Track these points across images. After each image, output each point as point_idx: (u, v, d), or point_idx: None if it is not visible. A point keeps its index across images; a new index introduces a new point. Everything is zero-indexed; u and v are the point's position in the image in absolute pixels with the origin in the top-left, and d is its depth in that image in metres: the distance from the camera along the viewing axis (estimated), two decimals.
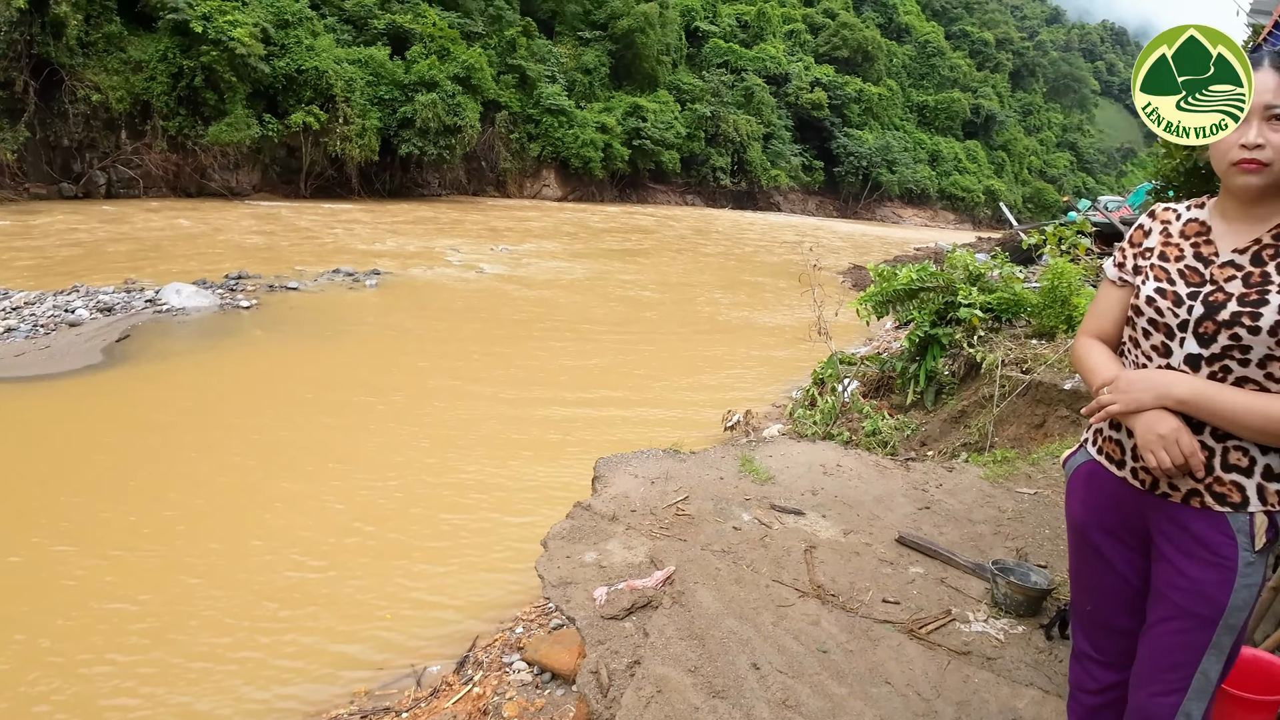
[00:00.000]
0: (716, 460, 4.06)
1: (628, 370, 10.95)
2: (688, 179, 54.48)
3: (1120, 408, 1.55)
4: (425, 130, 35.49)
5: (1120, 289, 1.73)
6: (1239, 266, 1.52)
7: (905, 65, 77.21)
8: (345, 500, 5.94)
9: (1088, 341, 1.77)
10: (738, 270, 23.72)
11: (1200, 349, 1.52)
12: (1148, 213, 1.77)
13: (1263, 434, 1.46)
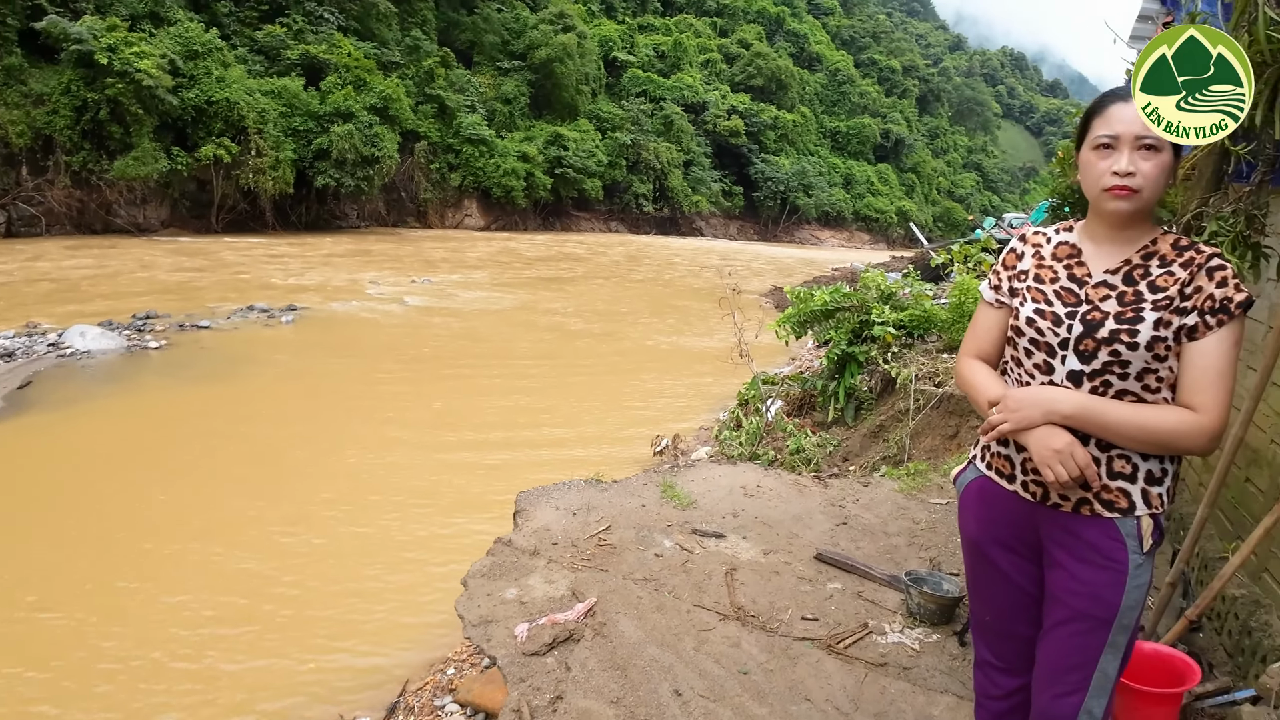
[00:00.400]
0: (638, 488, 4.08)
1: (555, 402, 10.89)
2: (611, 206, 54.87)
3: (1011, 426, 1.62)
4: (342, 161, 34.88)
5: (997, 310, 1.81)
6: (1112, 286, 1.62)
7: (817, 93, 79.61)
8: (260, 554, 5.70)
9: (970, 362, 1.84)
10: (665, 295, 23.93)
11: (1081, 365, 1.60)
12: (1019, 237, 1.86)
13: (1143, 443, 1.55)
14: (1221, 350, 1.53)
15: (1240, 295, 1.53)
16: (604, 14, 66.57)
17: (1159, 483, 1.61)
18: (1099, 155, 1.60)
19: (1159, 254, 1.62)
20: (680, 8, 74.14)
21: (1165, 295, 1.57)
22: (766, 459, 7.93)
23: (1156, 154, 1.55)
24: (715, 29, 74.86)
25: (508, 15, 53.21)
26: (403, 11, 45.30)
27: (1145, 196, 1.56)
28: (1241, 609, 2.92)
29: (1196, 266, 1.56)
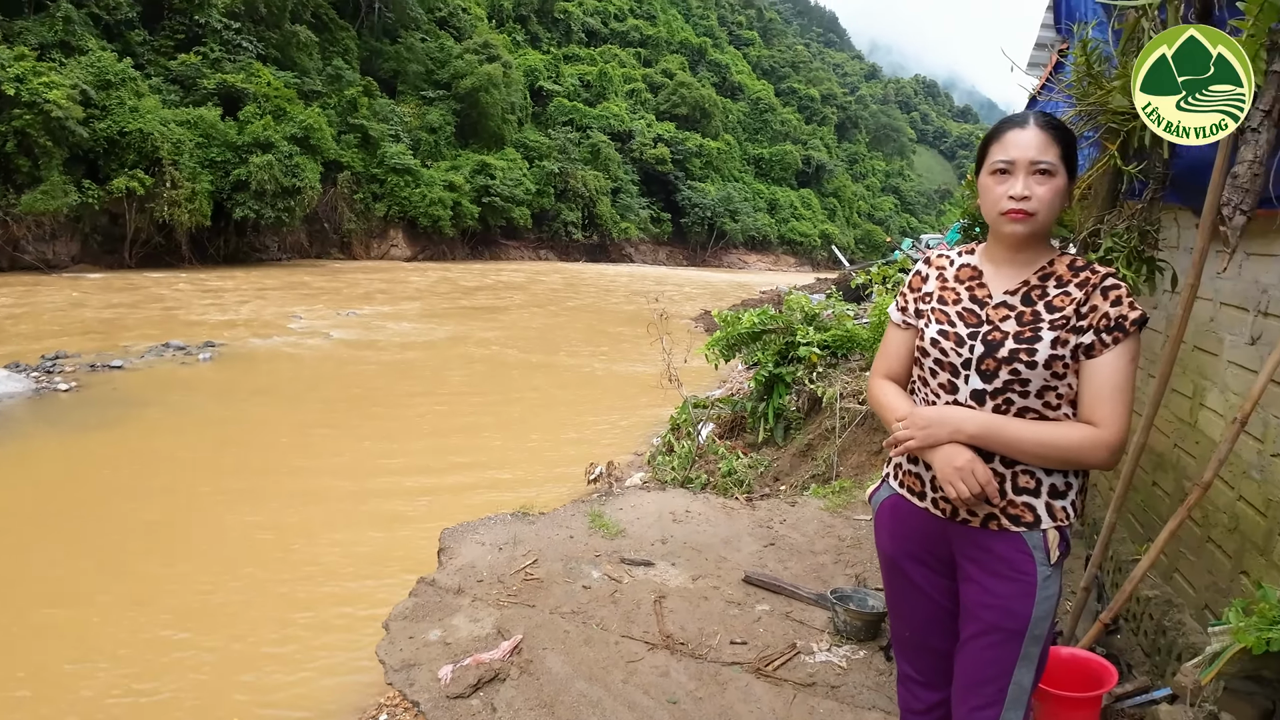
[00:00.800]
0: (566, 519, 4.02)
1: (489, 435, 10.69)
2: (540, 234, 54.81)
3: (917, 443, 1.65)
4: (261, 192, 33.99)
5: (905, 331, 1.85)
6: (1011, 307, 1.66)
7: (740, 121, 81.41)
8: (175, 608, 5.39)
9: (880, 382, 1.87)
10: (599, 322, 23.90)
11: (984, 385, 1.63)
12: (924, 259, 1.91)
13: (1046, 459, 1.59)
14: (1118, 367, 1.57)
15: (1135, 313, 1.57)
16: (529, 44, 66.94)
17: (1063, 496, 1.64)
18: (996, 180, 1.64)
19: (1056, 275, 1.66)
20: (604, 38, 75.04)
21: (1062, 315, 1.61)
22: (699, 483, 7.94)
23: (1050, 178, 1.60)
24: (639, 59, 75.97)
25: (432, 45, 52.97)
26: (324, 40, 44.69)
27: (1040, 219, 1.61)
28: (1155, 609, 3.01)
29: (1092, 286, 1.61)
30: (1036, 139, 1.60)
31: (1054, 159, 1.60)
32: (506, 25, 65.45)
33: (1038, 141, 1.60)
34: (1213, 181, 2.23)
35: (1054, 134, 1.62)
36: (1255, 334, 2.52)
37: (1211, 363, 2.85)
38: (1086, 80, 3.04)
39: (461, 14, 57.97)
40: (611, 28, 76.37)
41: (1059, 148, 1.61)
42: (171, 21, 36.93)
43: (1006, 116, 1.71)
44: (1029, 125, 1.63)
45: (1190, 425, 2.98)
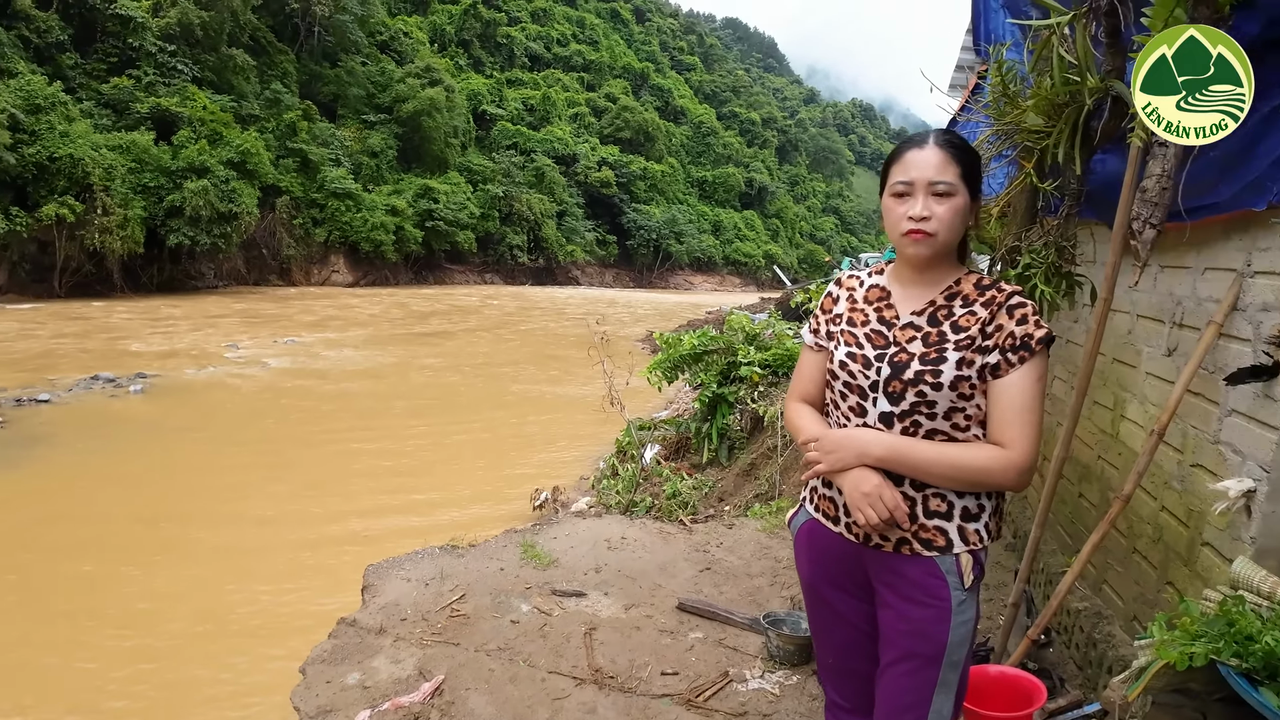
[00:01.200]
0: (497, 550, 3.89)
1: (433, 464, 10.45)
2: (485, 258, 54.45)
3: (826, 467, 1.62)
4: (196, 219, 33.18)
5: (818, 353, 1.81)
6: (917, 328, 1.63)
7: (684, 144, 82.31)
8: (95, 654, 5.11)
9: (795, 405, 1.84)
10: (547, 345, 23.72)
11: (891, 407, 1.60)
12: (835, 281, 1.87)
13: (954, 480, 1.56)
14: (1025, 386, 1.54)
15: (1040, 332, 1.55)
16: (472, 68, 66.82)
17: (976, 519, 1.61)
18: (897, 201, 1.62)
19: (962, 294, 1.64)
20: (547, 63, 75.32)
21: (967, 335, 1.58)
22: (644, 506, 7.86)
23: (950, 198, 1.57)
24: (582, 83, 76.41)
25: (373, 69, 52.50)
26: (262, 64, 43.96)
27: (941, 239, 1.58)
28: (1086, 621, 3.01)
29: (997, 305, 1.58)
30: (935, 158, 1.58)
31: (953, 178, 1.57)
32: (449, 50, 65.31)
33: (936, 161, 1.58)
34: (1122, 196, 2.26)
35: (953, 153, 1.59)
36: (1171, 345, 2.55)
37: (1131, 375, 2.88)
38: (1003, 100, 3.08)
39: (403, 38, 57.69)
40: (554, 52, 76.74)
41: (958, 167, 1.59)
42: (104, 44, 36.03)
43: (907, 137, 1.69)
44: (928, 145, 1.60)
45: (1113, 437, 3.01)
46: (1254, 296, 2.05)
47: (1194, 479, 2.32)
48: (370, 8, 54.60)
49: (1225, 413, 2.16)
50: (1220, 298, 2.24)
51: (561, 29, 79.72)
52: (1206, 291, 2.33)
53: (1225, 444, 2.16)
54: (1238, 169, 2.06)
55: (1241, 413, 2.08)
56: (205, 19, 38.16)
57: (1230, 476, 2.11)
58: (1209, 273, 2.33)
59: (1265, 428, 1.97)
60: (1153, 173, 2.06)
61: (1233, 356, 2.14)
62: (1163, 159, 2.05)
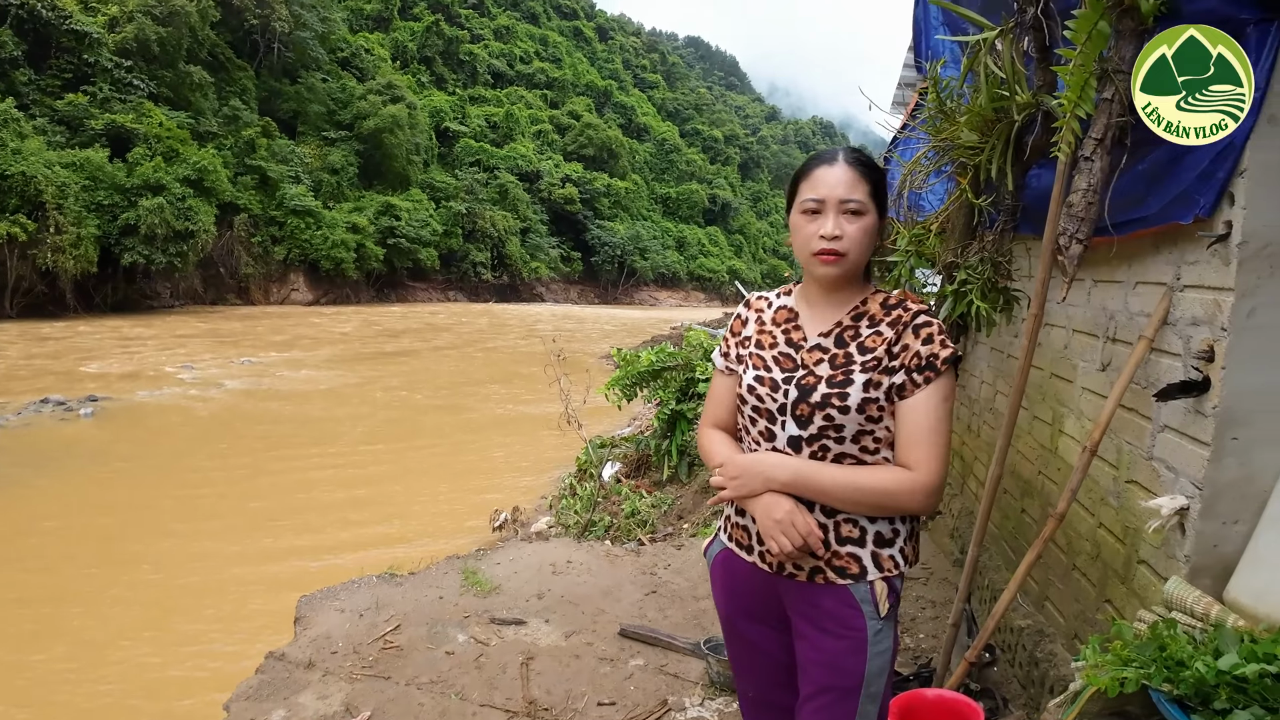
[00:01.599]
0: (438, 578, 3.76)
1: (392, 486, 10.21)
2: (448, 275, 54.11)
3: (732, 493, 1.57)
4: (151, 237, 32.65)
5: (728, 377, 1.75)
6: (825, 349, 1.59)
7: (647, 161, 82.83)
8: (39, 695, 4.86)
9: (707, 431, 1.78)
10: (512, 362, 23.49)
11: (799, 430, 1.55)
12: (744, 303, 1.83)
13: (860, 504, 1.50)
14: (930, 407, 1.50)
15: (946, 351, 1.51)
16: (434, 85, 66.65)
17: (889, 544, 1.55)
18: (806, 219, 1.58)
19: (869, 314, 1.60)
20: (511, 80, 75.41)
21: (873, 356, 1.54)
22: (602, 526, 7.76)
23: (861, 217, 1.54)
24: (546, 101, 76.59)
25: (333, 85, 52.11)
26: (220, 80, 43.42)
27: (852, 259, 1.55)
28: (1028, 639, 2.97)
29: (903, 325, 1.55)
30: (846, 176, 1.55)
31: (863, 197, 1.54)
32: (411, 66, 65.11)
33: (847, 179, 1.54)
34: (1050, 211, 2.23)
35: (863, 171, 1.56)
36: (1105, 360, 2.53)
37: (1067, 389, 2.86)
38: (939, 116, 3.07)
39: (364, 54, 57.41)
40: (518, 70, 76.87)
41: (868, 185, 1.56)
42: (59, 60, 35.38)
43: (815, 153, 1.66)
44: (838, 162, 1.57)
45: (1052, 452, 2.99)
46: (1184, 310, 2.03)
47: (1129, 495, 2.29)
48: (331, 24, 54.31)
49: (1158, 428, 2.14)
50: (1151, 312, 2.22)
51: (524, 46, 79.94)
52: (1138, 306, 2.31)
53: (1158, 460, 2.13)
54: (1165, 182, 2.05)
55: (1174, 429, 2.06)
56: (163, 35, 37.68)
57: (1163, 493, 2.08)
58: (1140, 287, 2.31)
59: (1196, 444, 1.94)
60: (1079, 187, 2.04)
61: (1164, 371, 2.11)
62: (1088, 173, 2.03)
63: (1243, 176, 1.79)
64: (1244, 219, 1.78)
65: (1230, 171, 1.81)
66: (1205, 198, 1.88)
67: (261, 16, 46.08)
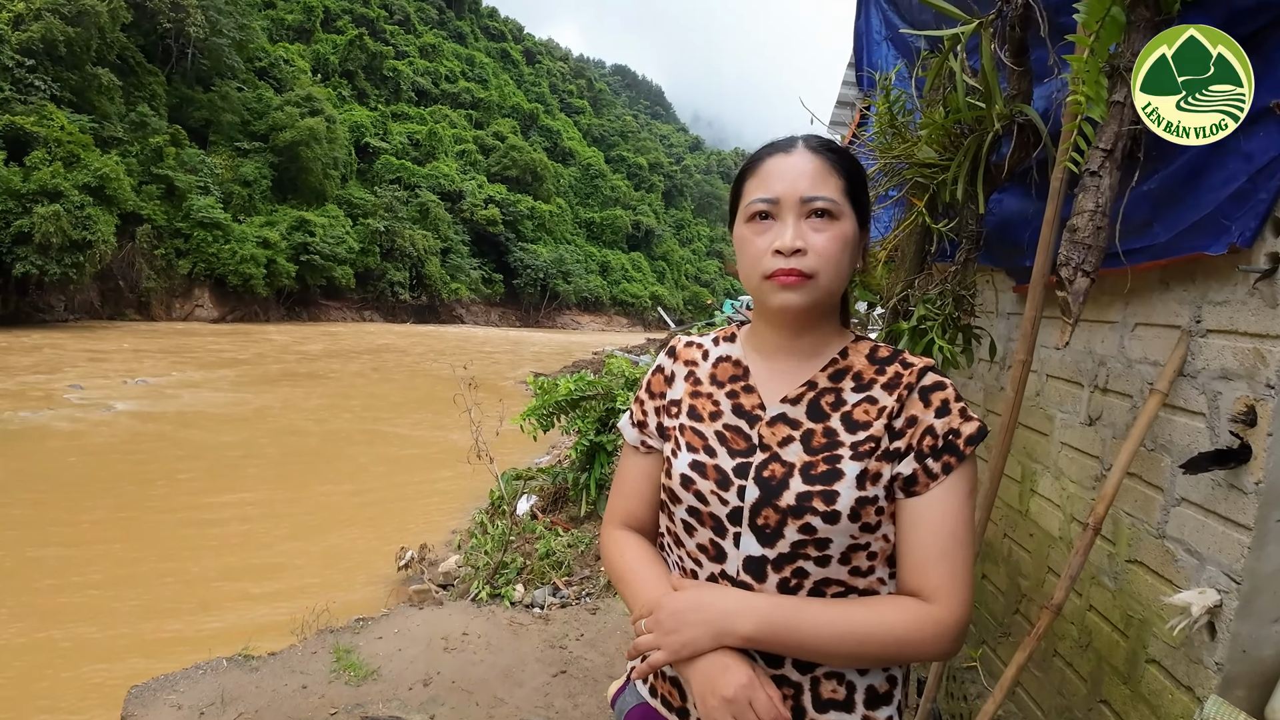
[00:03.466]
0: (303, 660, 3.16)
1: (287, 522, 9.33)
2: (364, 294, 52.51)
3: (667, 655, 1.04)
4: (46, 246, 30.72)
5: (646, 456, 1.25)
6: (794, 423, 1.11)
7: (572, 185, 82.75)
8: None
9: (618, 536, 1.25)
10: (428, 386, 22.55)
11: (763, 548, 1.06)
12: (667, 349, 1.31)
13: (859, 658, 1.04)
14: (951, 507, 1.05)
15: (970, 426, 1.07)
16: (355, 100, 65.10)
17: (886, 701, 1.10)
18: (755, 229, 1.10)
19: (853, 370, 1.14)
20: (435, 98, 74.34)
21: (868, 435, 1.07)
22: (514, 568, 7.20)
23: (833, 222, 1.07)
24: (471, 121, 75.78)
25: (249, 95, 50.21)
26: (129, 85, 41.29)
27: (823, 283, 1.07)
28: None
29: (906, 388, 1.09)
30: (810, 166, 1.09)
31: (835, 194, 1.08)
32: (332, 80, 63.46)
33: (812, 170, 1.08)
34: (1043, 237, 1.86)
35: (833, 160, 1.11)
36: (1093, 413, 2.17)
37: (1040, 443, 2.50)
38: (890, 133, 2.72)
39: (283, 65, 55.65)
40: (443, 88, 75.87)
41: (841, 179, 1.10)
42: None
43: (771, 141, 1.17)
44: (796, 149, 1.11)
45: (1021, 514, 2.62)
46: (1207, 360, 1.67)
47: (1131, 578, 1.92)
48: (249, 33, 52.43)
49: (1172, 501, 1.77)
50: (1157, 359, 1.86)
51: (450, 65, 79.07)
52: (1138, 351, 1.95)
53: (1173, 540, 1.76)
54: (1181, 204, 1.69)
55: (1195, 503, 1.68)
56: (71, 35, 35.60)
57: (1181, 581, 1.71)
58: (1141, 329, 1.95)
59: (1231, 526, 1.56)
60: (1084, 208, 1.66)
61: (1178, 432, 1.75)
62: (1096, 192, 1.65)
63: None
64: None
65: (1277, 192, 1.46)
66: (1242, 224, 1.52)
67: (175, 21, 44.10)
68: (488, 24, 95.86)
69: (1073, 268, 1.66)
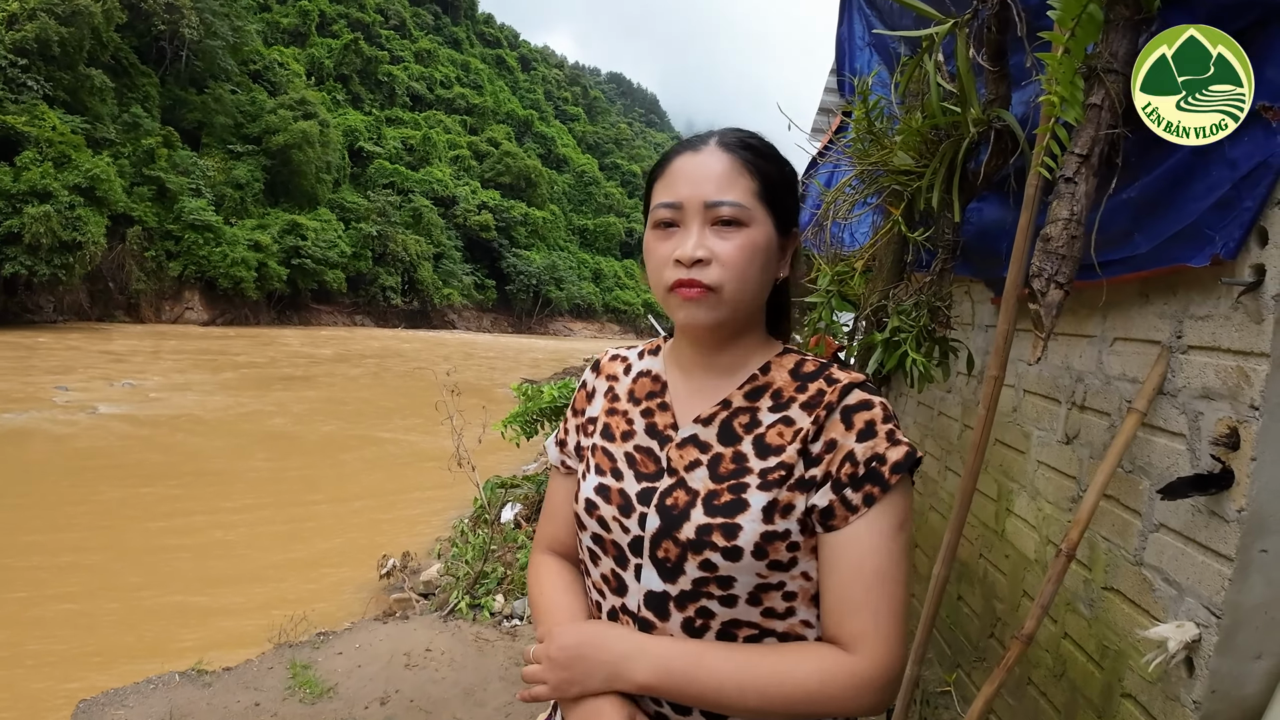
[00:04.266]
0: (258, 676, 3.04)
1: (264, 529, 9.17)
2: (356, 298, 52.33)
3: (552, 692, 0.94)
4: (36, 247, 30.65)
5: (569, 477, 1.16)
6: (703, 445, 1.00)
7: (566, 192, 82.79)
8: None
9: (539, 562, 1.16)
10: (418, 391, 22.37)
11: (665, 583, 0.95)
12: (592, 363, 1.22)
13: (764, 712, 0.90)
14: (875, 543, 0.92)
15: (897, 452, 0.93)
16: (350, 104, 65.05)
17: None
18: (660, 236, 1.00)
19: (773, 387, 1.02)
20: (430, 104, 74.32)
21: (780, 462, 0.95)
22: (495, 578, 7.09)
23: (738, 230, 0.96)
24: (465, 127, 75.78)
25: (242, 97, 50.09)
26: (122, 86, 41.14)
27: (729, 296, 0.96)
28: None
29: (825, 407, 0.96)
30: (718, 167, 0.97)
31: (744, 197, 0.96)
32: (327, 84, 63.44)
33: (719, 171, 0.97)
34: (1016, 246, 1.77)
35: (744, 159, 0.98)
36: (1070, 431, 2.08)
37: (1017, 461, 2.41)
38: (868, 139, 2.63)
39: (278, 68, 55.58)
40: (437, 94, 75.89)
41: (754, 180, 0.97)
42: None
43: (680, 140, 1.07)
44: (707, 147, 1.00)
45: (997, 534, 2.53)
46: (1189, 378, 1.58)
47: (1106, 606, 1.82)
48: (244, 35, 52.33)
49: (1150, 526, 1.67)
50: (1136, 375, 1.77)
51: (446, 71, 79.12)
52: (1117, 368, 1.87)
53: (1151, 568, 1.66)
54: (1161, 213, 1.60)
55: (1174, 530, 1.59)
56: (64, 35, 35.45)
57: (1159, 611, 1.61)
58: (1120, 344, 1.86)
59: (1212, 555, 1.47)
60: (1058, 216, 1.56)
61: (1157, 454, 1.66)
62: (1071, 199, 1.56)
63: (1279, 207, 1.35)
64: None
65: (1263, 201, 1.37)
66: (1226, 234, 1.43)
67: (170, 22, 43.99)
68: (483, 30, 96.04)
69: (1045, 279, 1.56)
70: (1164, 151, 1.59)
